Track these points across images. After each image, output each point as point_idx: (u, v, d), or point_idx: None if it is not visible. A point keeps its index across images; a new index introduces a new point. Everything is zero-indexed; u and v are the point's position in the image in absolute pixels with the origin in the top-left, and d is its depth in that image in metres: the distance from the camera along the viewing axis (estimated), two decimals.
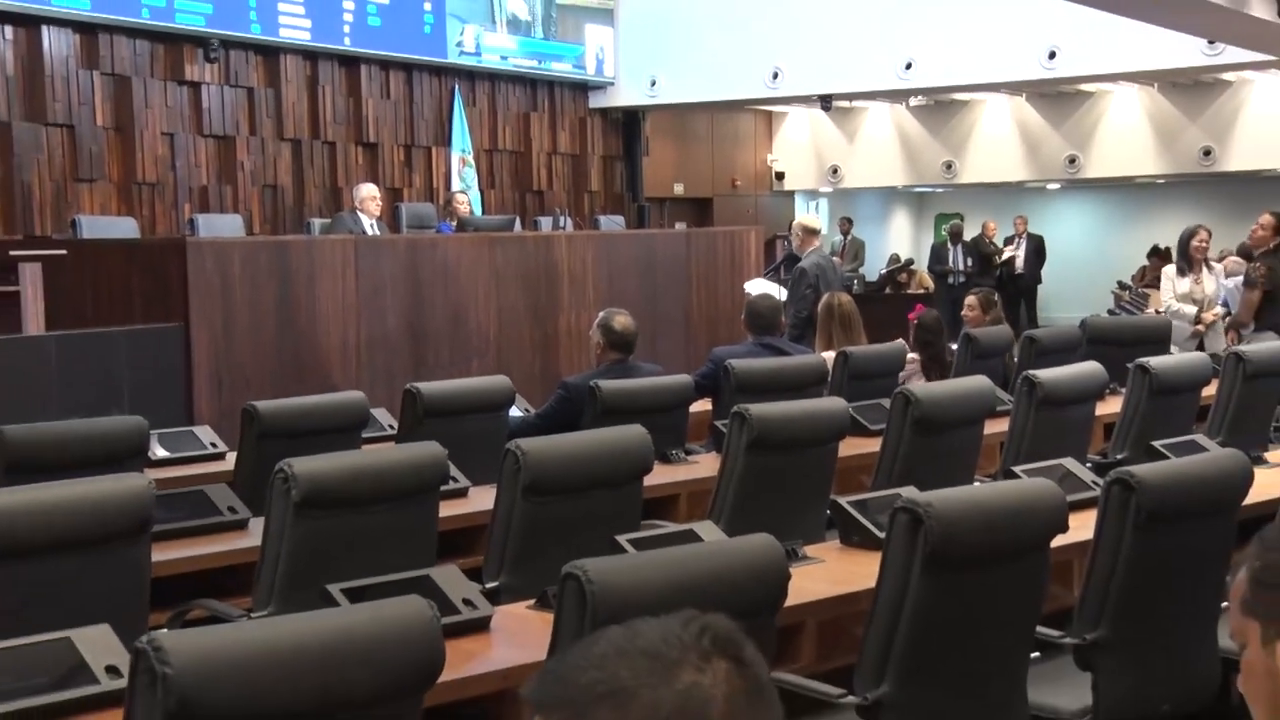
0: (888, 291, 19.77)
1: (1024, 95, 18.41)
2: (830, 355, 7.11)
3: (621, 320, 6.47)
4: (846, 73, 15.81)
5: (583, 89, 16.68)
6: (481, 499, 4.81)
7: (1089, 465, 5.25)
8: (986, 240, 18.47)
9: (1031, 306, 18.74)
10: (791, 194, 20.64)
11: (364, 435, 5.78)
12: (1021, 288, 18.41)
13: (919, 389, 5.48)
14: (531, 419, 6.27)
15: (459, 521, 4.80)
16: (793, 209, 20.02)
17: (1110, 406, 6.63)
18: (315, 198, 13.53)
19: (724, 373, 6.42)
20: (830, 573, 4.00)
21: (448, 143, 14.82)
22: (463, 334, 9.68)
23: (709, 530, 4.01)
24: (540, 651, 2.94)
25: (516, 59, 15.57)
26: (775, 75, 16.08)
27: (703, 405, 6.66)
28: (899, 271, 20.42)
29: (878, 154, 19.64)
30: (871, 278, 20.43)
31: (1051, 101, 18.52)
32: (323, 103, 13.65)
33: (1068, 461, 4.96)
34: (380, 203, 11.16)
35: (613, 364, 6.38)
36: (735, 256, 12.06)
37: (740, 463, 4.72)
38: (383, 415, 6.44)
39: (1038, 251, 18.76)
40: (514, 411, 6.31)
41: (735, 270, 11.92)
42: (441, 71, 14.85)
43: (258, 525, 4.27)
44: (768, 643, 2.99)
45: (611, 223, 13.73)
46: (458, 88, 14.94)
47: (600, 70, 16.55)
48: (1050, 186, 21.57)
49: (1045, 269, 18.96)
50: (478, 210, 13.81)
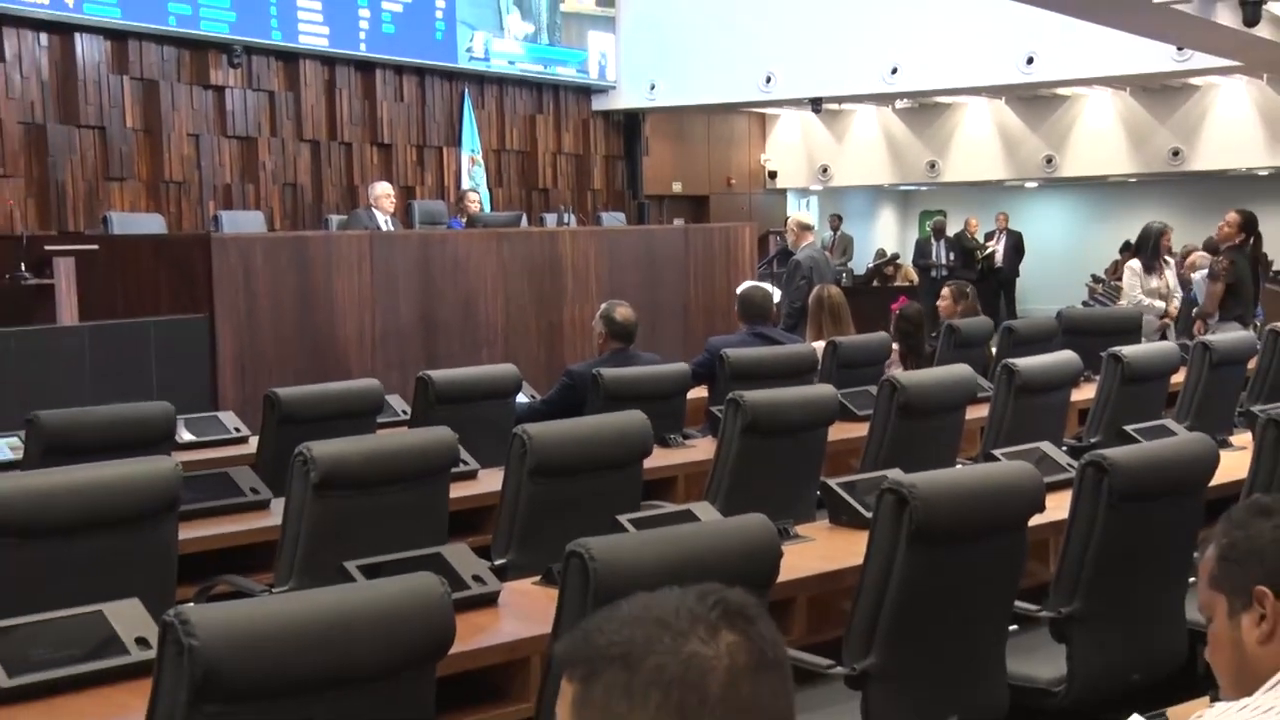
0: (875, 284, 19.73)
1: (1003, 98, 18.38)
2: (820, 345, 7.10)
3: (622, 311, 6.46)
4: (835, 77, 15.80)
5: (586, 92, 16.66)
6: (490, 480, 4.80)
7: (1064, 449, 5.24)
8: (969, 236, 18.43)
9: (1010, 299, 18.70)
10: (784, 192, 20.61)
11: (379, 420, 5.78)
12: (1001, 281, 18.37)
13: (904, 377, 5.47)
14: (537, 405, 6.27)
15: (468, 502, 4.80)
16: (785, 206, 20.00)
17: (1084, 393, 6.62)
18: (333, 195, 13.51)
19: (719, 361, 6.42)
20: (820, 550, 4.00)
21: (458, 143, 14.79)
22: (472, 324, 9.68)
23: (705, 510, 4.00)
24: (545, 625, 2.94)
25: (523, 64, 15.54)
26: (768, 79, 16.06)
27: (699, 392, 6.66)
28: (885, 265, 20.40)
29: (865, 154, 19.61)
30: (859, 271, 20.39)
31: (1029, 104, 18.49)
32: (340, 105, 13.63)
33: (1044, 445, 4.96)
34: (394, 200, 11.14)
35: (614, 353, 6.38)
36: (730, 251, 12.06)
37: (735, 446, 4.72)
38: (396, 401, 6.44)
39: (1016, 247, 18.72)
40: (521, 398, 6.31)
41: (731, 264, 11.91)
42: (452, 76, 14.82)
43: (278, 505, 4.27)
44: None
45: (613, 219, 13.72)
46: (467, 91, 14.91)
47: (602, 75, 16.52)
48: (1028, 185, 21.53)
49: (1024, 263, 18.91)
50: (486, 207, 13.80)
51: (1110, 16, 11.99)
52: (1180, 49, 14.01)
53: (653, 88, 16.46)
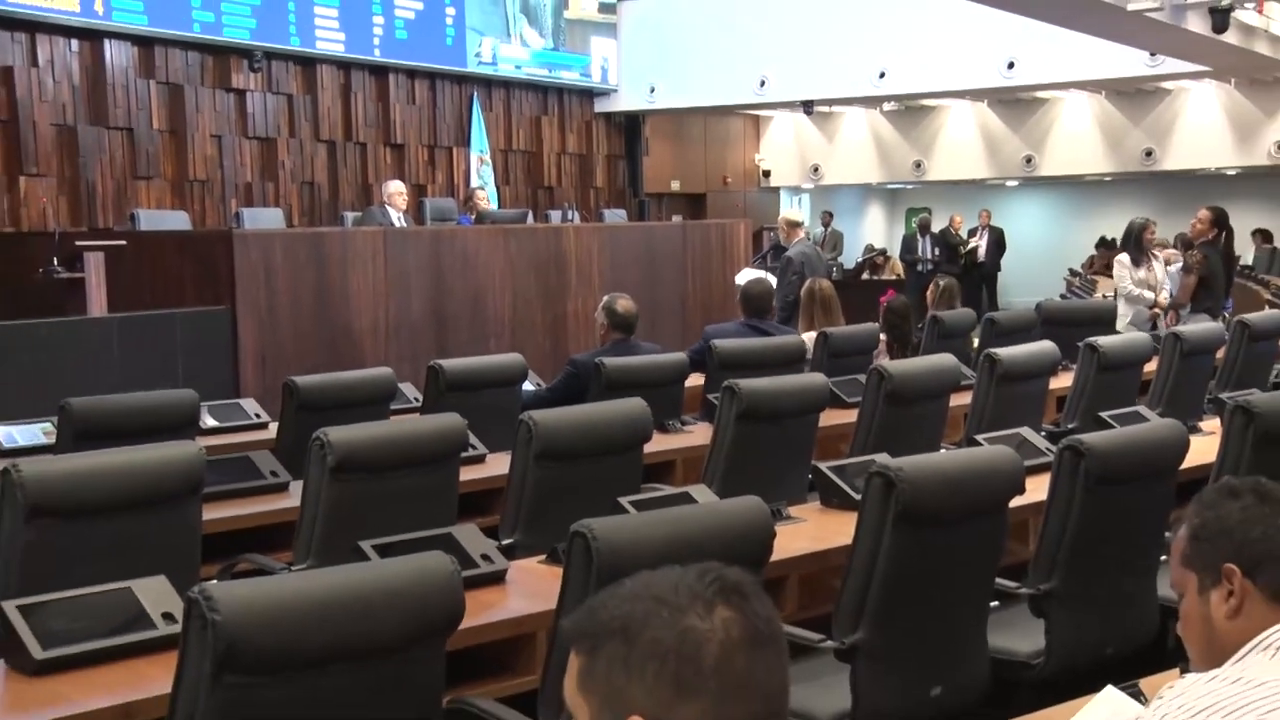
0: (864, 277, 19.73)
1: (985, 101, 18.35)
2: (811, 336, 7.09)
3: (624, 303, 6.45)
4: (826, 80, 15.80)
5: (589, 95, 16.63)
6: (497, 464, 4.81)
7: (1043, 434, 5.24)
8: (953, 232, 18.42)
9: (992, 291, 18.69)
10: (777, 190, 20.59)
11: (392, 407, 5.77)
12: (984, 275, 18.36)
13: (891, 366, 5.47)
14: (543, 393, 6.26)
15: (477, 485, 4.81)
16: (778, 204, 19.98)
17: (1062, 381, 6.62)
18: (348, 194, 13.50)
19: (708, 351, 6.41)
20: (811, 531, 4.01)
21: (467, 143, 14.78)
22: (481, 316, 9.67)
23: (702, 493, 4.00)
24: (550, 602, 2.94)
25: (529, 68, 15.52)
26: (762, 83, 16.04)
27: (697, 379, 6.65)
28: (874, 260, 20.38)
29: (854, 154, 19.59)
30: (849, 266, 20.38)
31: (1010, 107, 18.47)
32: (355, 108, 13.62)
33: (1024, 430, 4.96)
34: (407, 198, 11.13)
35: (616, 343, 6.37)
36: (726, 246, 12.05)
37: (730, 432, 4.71)
38: (409, 389, 6.44)
39: (998, 242, 18.70)
40: (527, 386, 6.30)
41: (726, 258, 11.90)
42: (462, 79, 14.80)
43: (297, 488, 4.27)
44: None
45: (615, 216, 13.69)
46: (476, 94, 14.89)
47: (605, 78, 16.50)
48: (1009, 184, 21.51)
49: (1005, 258, 18.89)
50: (494, 204, 13.78)
51: (1087, 23, 11.99)
52: (1153, 54, 14.00)
53: (652, 91, 16.44)
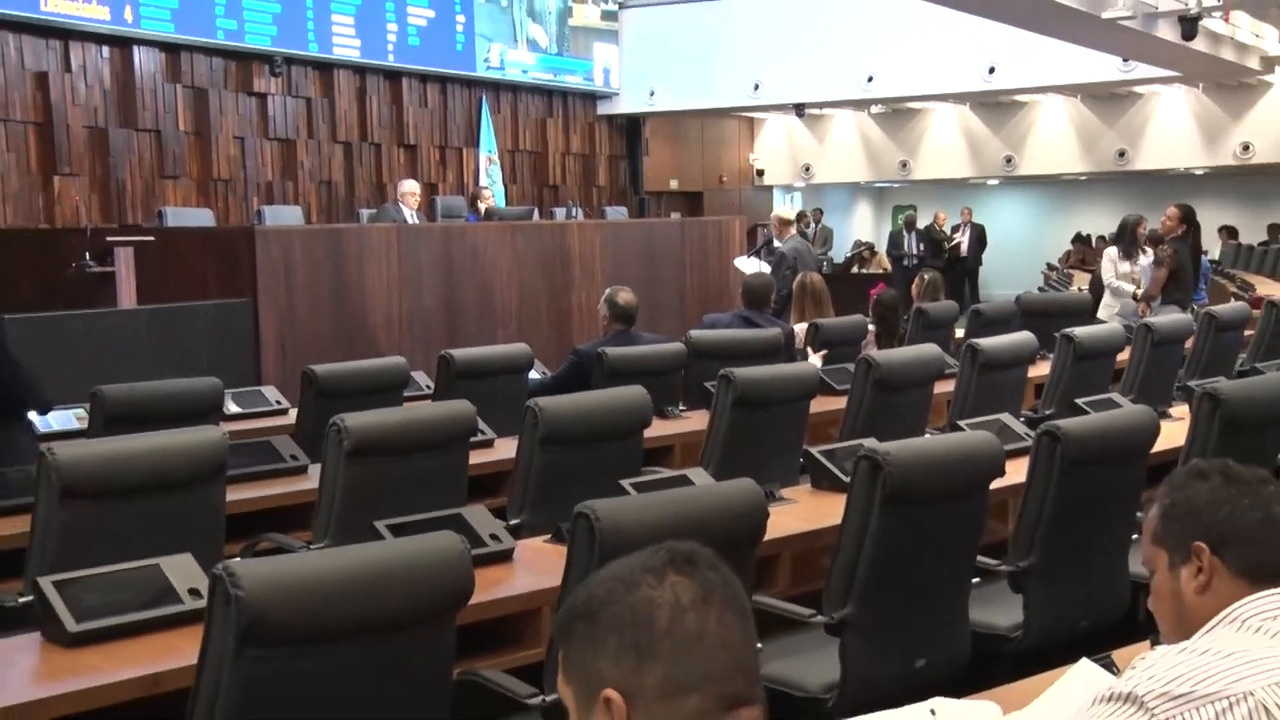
0: (853, 271, 19.71)
1: (968, 104, 18.35)
2: (803, 327, 7.08)
3: (625, 296, 6.45)
4: (817, 84, 15.80)
5: (591, 98, 16.62)
6: (505, 448, 4.80)
7: (1022, 419, 5.23)
8: (937, 228, 18.40)
9: (974, 285, 18.68)
10: (770, 188, 20.58)
11: (405, 394, 5.77)
12: (966, 269, 18.34)
13: (879, 355, 5.46)
14: (548, 381, 6.25)
15: (486, 468, 4.80)
16: (771, 201, 19.97)
17: (1040, 370, 6.61)
18: (364, 192, 13.49)
19: (685, 341, 6.33)
20: (802, 511, 4.00)
21: (476, 144, 14.77)
22: (489, 309, 9.67)
23: (699, 475, 3.99)
24: (555, 578, 2.94)
25: (535, 73, 15.51)
26: (756, 87, 16.03)
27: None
28: (862, 255, 20.36)
29: (844, 154, 19.59)
30: (839, 260, 20.37)
31: (991, 110, 18.47)
32: (370, 110, 13.61)
33: (1004, 416, 4.96)
34: (419, 196, 11.12)
35: (617, 334, 6.36)
36: (722, 241, 12.04)
37: (726, 418, 4.71)
38: (421, 377, 6.43)
39: (980, 238, 18.69)
40: (533, 374, 6.30)
41: (722, 253, 11.89)
42: (471, 83, 14.79)
43: (315, 470, 4.26)
44: (748, 571, 3.00)
45: (616, 213, 13.69)
46: (485, 97, 14.88)
47: (607, 82, 16.49)
48: (990, 183, 21.50)
49: (986, 253, 18.89)
50: (501, 202, 13.78)
51: (1063, 31, 11.98)
52: (1125, 60, 14.00)
53: (652, 94, 16.44)
